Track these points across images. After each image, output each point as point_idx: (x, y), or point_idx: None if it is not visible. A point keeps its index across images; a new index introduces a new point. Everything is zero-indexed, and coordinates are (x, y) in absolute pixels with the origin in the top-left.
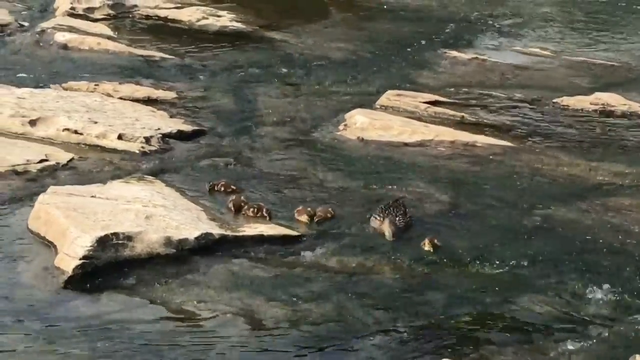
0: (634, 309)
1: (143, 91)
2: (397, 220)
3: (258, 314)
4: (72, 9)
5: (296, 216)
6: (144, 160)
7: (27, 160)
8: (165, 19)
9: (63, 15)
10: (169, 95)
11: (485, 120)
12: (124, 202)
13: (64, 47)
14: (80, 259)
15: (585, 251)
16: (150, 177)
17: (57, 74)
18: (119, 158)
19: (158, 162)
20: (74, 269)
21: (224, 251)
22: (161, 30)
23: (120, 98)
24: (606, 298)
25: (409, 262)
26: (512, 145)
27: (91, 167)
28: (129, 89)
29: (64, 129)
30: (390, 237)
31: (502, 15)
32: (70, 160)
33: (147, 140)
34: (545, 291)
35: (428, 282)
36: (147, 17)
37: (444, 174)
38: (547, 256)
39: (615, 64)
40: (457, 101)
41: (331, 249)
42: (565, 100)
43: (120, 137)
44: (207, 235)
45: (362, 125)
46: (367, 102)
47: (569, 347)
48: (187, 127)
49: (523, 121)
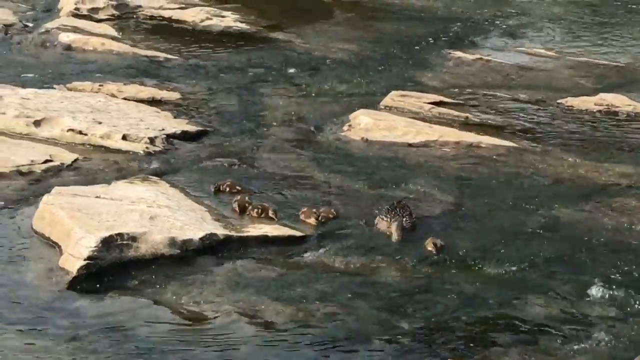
0: None
1: (147, 92)
2: (404, 221)
3: (262, 314)
4: (76, 9)
5: (302, 218)
6: (148, 160)
7: (32, 160)
8: (170, 20)
9: (67, 16)
10: (173, 95)
11: (490, 121)
12: (129, 202)
13: (68, 47)
14: (84, 260)
15: (590, 252)
16: (154, 178)
17: (62, 74)
18: (124, 158)
19: (162, 162)
20: (78, 270)
21: (228, 252)
22: (165, 30)
23: (125, 98)
24: (611, 299)
25: (413, 263)
26: (516, 145)
27: (95, 167)
28: (133, 89)
29: (68, 130)
30: (398, 238)
31: (506, 16)
32: (75, 160)
33: (152, 140)
34: (550, 292)
35: (432, 282)
36: (151, 17)
37: (448, 174)
38: (551, 257)
39: (620, 65)
40: (461, 102)
41: (335, 250)
42: (570, 101)
43: (124, 137)
44: (211, 236)
45: (366, 125)
46: (371, 102)
47: (574, 347)
48: (191, 128)
49: (527, 122)
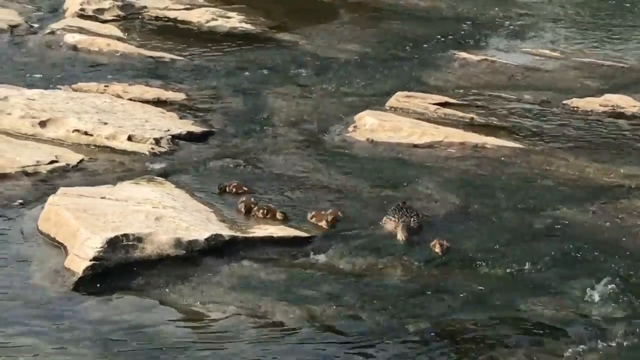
0: None
1: (153, 92)
2: (410, 222)
3: (268, 315)
4: (81, 10)
5: (314, 221)
6: (154, 161)
7: (37, 161)
8: (175, 20)
9: (73, 17)
10: (179, 96)
11: (495, 122)
12: (134, 203)
13: (74, 48)
14: (90, 260)
15: (596, 253)
16: (160, 179)
17: (67, 75)
18: (129, 159)
19: (168, 163)
20: (84, 270)
21: (233, 252)
22: (171, 31)
23: (130, 99)
24: (618, 300)
25: (418, 264)
26: (522, 146)
27: (101, 168)
28: (139, 90)
29: (73, 130)
30: (404, 239)
31: (511, 17)
32: (80, 161)
33: (157, 141)
34: (555, 293)
35: (438, 283)
36: (157, 18)
37: (453, 175)
38: (557, 258)
39: (625, 66)
40: (466, 102)
41: (341, 251)
42: (575, 102)
43: (130, 138)
44: (217, 237)
45: (371, 126)
46: (376, 103)
47: (581, 348)
48: (197, 129)
49: (532, 123)
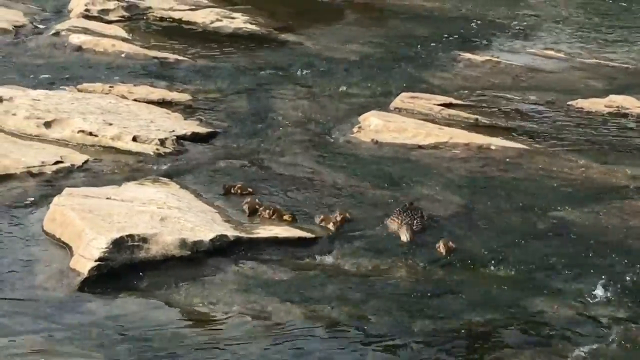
0: None
1: (158, 93)
2: (414, 223)
3: (273, 316)
4: (86, 10)
5: (323, 224)
6: (159, 162)
7: (42, 162)
8: (180, 21)
9: (77, 17)
10: (184, 97)
11: (500, 123)
12: (139, 204)
13: (79, 48)
14: (95, 261)
15: (601, 254)
16: (165, 179)
17: (72, 75)
18: (134, 160)
19: (173, 164)
20: (89, 271)
21: (238, 253)
22: (175, 32)
23: (135, 100)
24: (623, 300)
25: (424, 265)
26: (527, 147)
27: (106, 168)
28: (144, 90)
29: (78, 131)
30: (408, 240)
31: (516, 17)
32: (85, 162)
33: (162, 142)
34: (561, 294)
35: (443, 284)
36: (162, 19)
37: (458, 176)
38: (562, 259)
39: (630, 66)
40: (471, 103)
41: (346, 251)
42: (580, 103)
43: (135, 139)
44: (221, 237)
45: (376, 127)
46: (381, 104)
47: (585, 349)
48: (202, 129)
49: (537, 124)
